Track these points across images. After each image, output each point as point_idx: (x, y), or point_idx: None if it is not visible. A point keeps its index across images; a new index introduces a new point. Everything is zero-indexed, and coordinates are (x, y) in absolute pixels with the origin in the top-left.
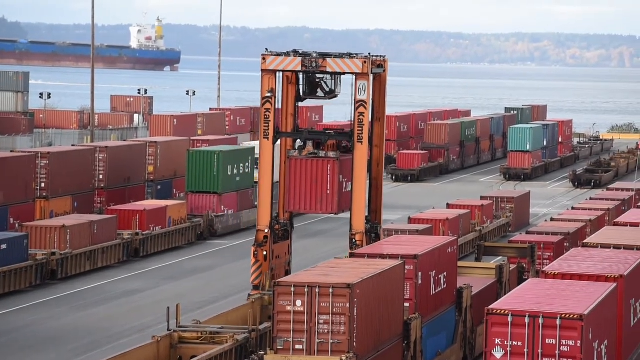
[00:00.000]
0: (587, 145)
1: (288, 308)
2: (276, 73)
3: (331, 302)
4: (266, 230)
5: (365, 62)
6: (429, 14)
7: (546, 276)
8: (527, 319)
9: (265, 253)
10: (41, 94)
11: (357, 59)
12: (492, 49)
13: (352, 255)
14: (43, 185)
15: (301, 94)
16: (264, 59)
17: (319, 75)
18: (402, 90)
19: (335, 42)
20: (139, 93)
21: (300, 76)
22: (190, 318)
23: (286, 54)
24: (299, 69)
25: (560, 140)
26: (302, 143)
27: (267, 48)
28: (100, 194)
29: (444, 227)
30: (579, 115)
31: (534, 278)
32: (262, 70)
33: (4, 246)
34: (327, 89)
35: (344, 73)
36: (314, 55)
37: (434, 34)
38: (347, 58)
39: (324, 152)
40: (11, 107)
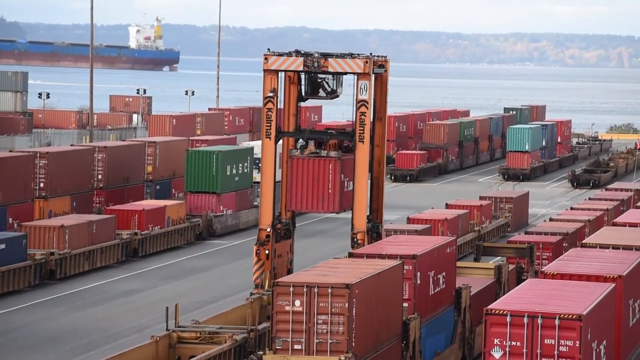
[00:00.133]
0: (585, 146)
1: (287, 308)
2: (278, 73)
3: (330, 302)
4: (268, 229)
5: (367, 62)
6: (428, 14)
7: (545, 276)
8: (525, 319)
9: (267, 252)
10: (40, 94)
11: (359, 59)
12: (491, 49)
13: (351, 255)
14: (42, 185)
15: (303, 94)
16: (266, 58)
17: (320, 75)
18: (401, 90)
19: (334, 42)
20: (138, 93)
21: (302, 76)
22: (189, 318)
23: (288, 54)
24: (301, 69)
25: (559, 140)
26: (304, 142)
27: (269, 48)
28: (99, 194)
29: (442, 227)
30: (577, 115)
31: (533, 278)
32: (264, 70)
33: (2, 246)
34: (328, 89)
35: (345, 73)
36: (316, 55)
37: (433, 34)
38: (348, 58)
39: (326, 152)
40: (10, 107)
